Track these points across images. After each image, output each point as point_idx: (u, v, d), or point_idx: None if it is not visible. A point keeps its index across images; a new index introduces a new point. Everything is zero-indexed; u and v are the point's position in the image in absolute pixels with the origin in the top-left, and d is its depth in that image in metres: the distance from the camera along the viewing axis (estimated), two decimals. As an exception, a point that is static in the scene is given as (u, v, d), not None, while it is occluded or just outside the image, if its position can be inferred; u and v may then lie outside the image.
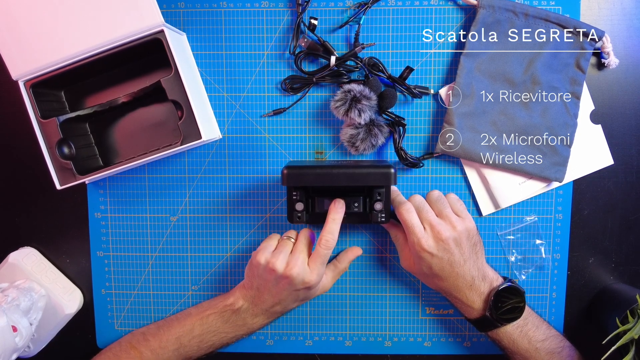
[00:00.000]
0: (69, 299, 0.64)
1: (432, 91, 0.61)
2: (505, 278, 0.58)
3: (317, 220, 0.58)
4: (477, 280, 0.56)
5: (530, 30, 0.58)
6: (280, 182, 0.52)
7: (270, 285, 0.56)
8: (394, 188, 0.60)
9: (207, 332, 0.58)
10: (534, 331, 0.56)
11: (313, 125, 0.63)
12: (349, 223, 0.59)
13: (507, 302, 0.55)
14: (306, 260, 0.55)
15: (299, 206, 0.56)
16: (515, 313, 0.55)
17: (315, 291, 0.59)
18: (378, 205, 0.56)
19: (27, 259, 0.63)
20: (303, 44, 0.60)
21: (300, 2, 0.59)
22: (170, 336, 0.59)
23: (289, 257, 0.55)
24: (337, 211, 0.55)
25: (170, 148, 0.55)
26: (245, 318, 0.58)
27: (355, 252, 0.63)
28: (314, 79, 0.61)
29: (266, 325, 0.61)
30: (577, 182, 0.63)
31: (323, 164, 0.56)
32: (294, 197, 0.56)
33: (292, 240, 0.58)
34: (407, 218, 0.55)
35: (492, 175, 0.61)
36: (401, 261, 0.60)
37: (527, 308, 0.57)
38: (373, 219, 0.57)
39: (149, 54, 0.57)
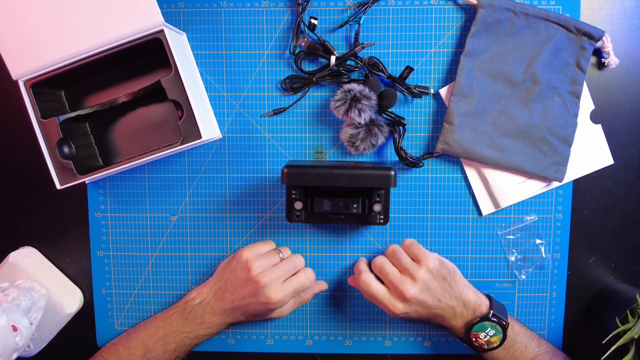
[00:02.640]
0: (69, 299, 0.64)
1: (432, 91, 0.61)
2: (489, 298, 0.58)
3: (315, 220, 0.58)
4: (459, 308, 0.56)
5: (530, 30, 0.58)
6: (280, 181, 0.52)
7: (238, 283, 0.57)
8: (359, 261, 0.61)
9: (170, 333, 0.58)
10: (522, 352, 0.57)
11: (313, 125, 0.63)
12: (348, 224, 0.59)
13: (485, 335, 0.55)
14: (282, 279, 0.57)
15: (298, 205, 0.56)
16: (495, 344, 0.56)
17: (270, 314, 0.60)
18: (377, 207, 0.56)
19: (28, 259, 0.64)
20: (303, 44, 0.60)
21: (300, 2, 0.59)
22: (138, 342, 0.59)
23: (270, 267, 0.57)
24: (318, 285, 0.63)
25: (170, 148, 0.55)
26: (203, 315, 0.58)
27: (321, 286, 0.64)
28: (314, 79, 0.61)
29: (220, 328, 0.60)
30: (577, 182, 0.63)
31: (323, 164, 0.56)
32: (293, 196, 0.56)
33: (282, 256, 0.60)
34: (367, 290, 0.56)
35: (492, 174, 0.61)
36: (393, 308, 0.57)
37: (516, 326, 0.57)
38: (371, 221, 0.57)
39: (149, 53, 0.57)
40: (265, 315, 0.59)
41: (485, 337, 0.55)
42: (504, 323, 0.55)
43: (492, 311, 0.55)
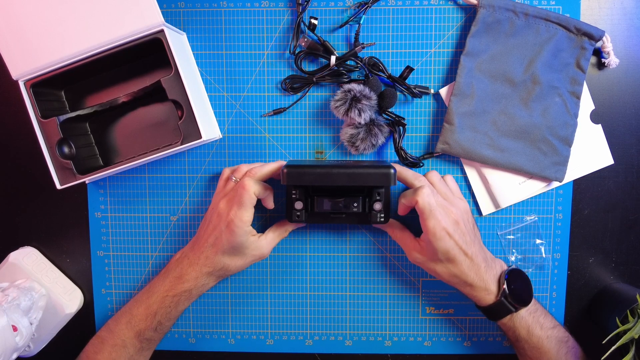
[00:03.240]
0: (69, 299, 0.64)
1: (432, 91, 0.61)
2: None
3: (315, 220, 0.58)
4: (488, 260, 0.55)
5: (530, 30, 0.58)
6: (280, 181, 0.52)
7: (206, 224, 0.57)
8: (403, 168, 0.58)
9: (152, 295, 0.57)
10: (544, 317, 0.56)
11: (313, 125, 0.63)
12: (349, 223, 0.59)
13: (517, 282, 0.54)
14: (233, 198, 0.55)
15: (298, 205, 0.56)
16: (525, 296, 0.55)
17: (243, 242, 0.55)
18: (377, 206, 0.56)
19: (28, 259, 0.64)
20: (303, 44, 0.60)
21: (300, 2, 0.59)
22: (124, 310, 0.59)
23: (226, 192, 0.57)
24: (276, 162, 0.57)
25: (170, 148, 0.55)
26: (181, 268, 0.57)
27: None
28: (314, 79, 0.61)
29: (199, 281, 0.57)
30: (577, 182, 0.63)
31: (323, 163, 0.56)
32: (294, 196, 0.56)
33: (236, 180, 0.57)
34: (429, 201, 0.53)
35: (492, 174, 0.61)
36: (410, 255, 0.57)
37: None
38: (372, 219, 0.57)
39: (149, 53, 0.58)
40: (241, 249, 0.56)
41: (518, 285, 0.55)
42: (525, 273, 0.56)
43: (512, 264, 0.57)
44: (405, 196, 0.56)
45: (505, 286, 0.54)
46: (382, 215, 0.57)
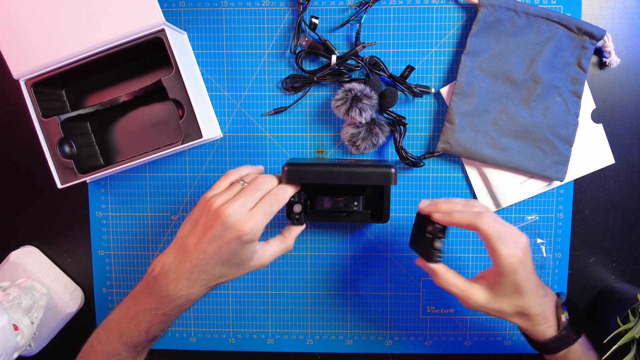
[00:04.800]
0: (70, 298, 0.64)
1: (433, 90, 0.61)
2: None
3: (316, 218, 0.58)
4: (545, 288, 0.50)
5: (531, 29, 0.58)
6: (282, 180, 0.52)
7: (200, 228, 0.48)
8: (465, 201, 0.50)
9: (140, 312, 0.50)
10: (587, 347, 0.51)
11: (314, 125, 0.63)
12: (349, 222, 0.59)
13: (573, 311, 0.49)
14: (249, 206, 0.47)
15: (297, 208, 0.54)
16: (581, 328, 0.50)
17: (248, 259, 0.50)
18: (438, 244, 0.48)
19: (29, 258, 0.64)
20: (304, 43, 0.60)
21: (301, 1, 0.59)
22: (113, 323, 0.52)
23: (232, 198, 0.48)
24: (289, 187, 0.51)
25: (171, 147, 0.55)
26: (167, 285, 0.48)
27: (299, 228, 0.55)
28: (315, 78, 0.61)
29: (195, 295, 0.50)
30: (578, 182, 0.63)
31: (324, 162, 0.56)
32: (292, 199, 0.55)
33: (245, 184, 0.50)
34: (499, 227, 0.46)
35: (493, 174, 0.61)
36: (470, 298, 0.48)
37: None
38: (429, 258, 0.49)
39: (150, 53, 0.58)
40: (243, 261, 0.49)
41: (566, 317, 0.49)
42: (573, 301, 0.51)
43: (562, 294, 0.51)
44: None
45: (565, 318, 0.49)
46: (440, 255, 0.49)
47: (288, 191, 0.50)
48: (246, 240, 0.47)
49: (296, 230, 0.55)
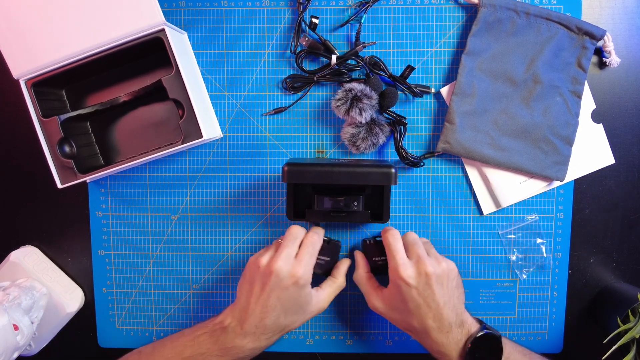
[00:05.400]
0: (70, 298, 0.64)
1: (433, 90, 0.61)
2: (480, 322, 0.54)
3: (316, 218, 0.58)
4: (455, 326, 0.51)
5: (531, 29, 0.58)
6: (281, 180, 0.52)
7: (257, 288, 0.52)
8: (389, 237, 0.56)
9: (197, 355, 0.53)
10: None
11: (314, 124, 0.63)
12: (349, 222, 0.59)
13: (483, 350, 0.50)
14: (292, 254, 0.52)
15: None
16: (492, 354, 0.51)
17: (308, 304, 0.54)
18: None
19: (29, 258, 0.64)
20: (304, 43, 0.60)
21: (301, 1, 0.59)
22: (162, 357, 0.55)
23: (275, 254, 0.52)
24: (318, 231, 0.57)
25: (171, 147, 0.55)
26: (234, 339, 0.52)
27: (345, 263, 0.61)
28: (315, 78, 0.61)
29: (261, 348, 0.54)
30: (578, 181, 0.63)
31: (324, 161, 0.56)
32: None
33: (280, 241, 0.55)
34: (392, 242, 0.53)
35: (493, 174, 0.61)
36: (369, 300, 0.56)
37: (507, 345, 0.52)
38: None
39: (150, 53, 0.57)
40: (303, 307, 0.53)
41: (483, 353, 0.51)
42: (498, 335, 0.51)
43: (484, 326, 0.52)
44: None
45: (468, 355, 0.50)
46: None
47: (319, 233, 0.56)
48: (302, 283, 0.51)
49: (342, 267, 0.60)
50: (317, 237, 0.55)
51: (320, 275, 0.59)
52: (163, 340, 0.57)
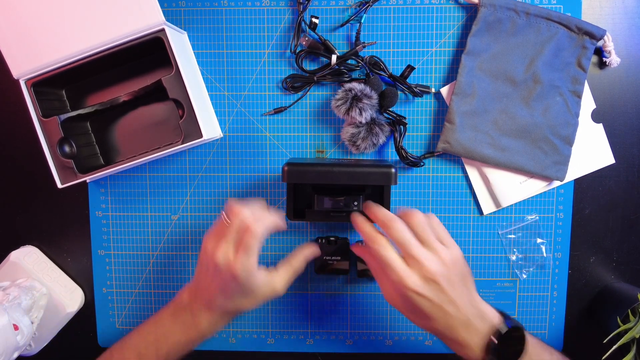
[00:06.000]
0: (70, 298, 0.64)
1: (433, 90, 0.61)
2: (500, 312, 0.50)
3: (316, 218, 0.58)
4: (474, 319, 0.47)
5: (531, 29, 0.58)
6: (281, 179, 0.52)
7: (205, 270, 0.51)
8: (358, 216, 0.53)
9: (161, 337, 0.53)
10: None
11: (314, 124, 0.63)
12: (349, 222, 0.58)
13: (509, 344, 0.47)
14: (231, 249, 0.49)
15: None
16: (517, 347, 0.48)
17: (252, 288, 0.51)
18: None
19: (29, 258, 0.64)
20: (304, 43, 0.60)
21: (301, 1, 0.59)
22: (131, 347, 0.54)
23: (219, 241, 0.50)
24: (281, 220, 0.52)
25: (171, 147, 0.55)
26: (191, 317, 0.52)
27: (311, 249, 0.57)
28: (315, 78, 0.61)
29: (217, 327, 0.53)
30: (578, 181, 0.63)
31: (324, 161, 0.56)
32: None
33: (227, 222, 0.51)
34: (383, 254, 0.47)
35: (493, 174, 0.61)
36: (384, 295, 0.50)
37: (529, 337, 0.49)
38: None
39: (150, 52, 0.58)
40: (251, 293, 0.51)
41: (511, 346, 0.47)
42: (521, 326, 0.48)
43: (506, 316, 0.49)
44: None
45: (495, 349, 0.47)
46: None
47: (261, 224, 0.50)
48: (241, 280, 0.49)
49: (301, 252, 0.57)
50: (258, 229, 0.49)
51: (332, 275, 0.59)
52: (130, 333, 0.56)
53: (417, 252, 0.46)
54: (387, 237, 0.49)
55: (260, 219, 0.50)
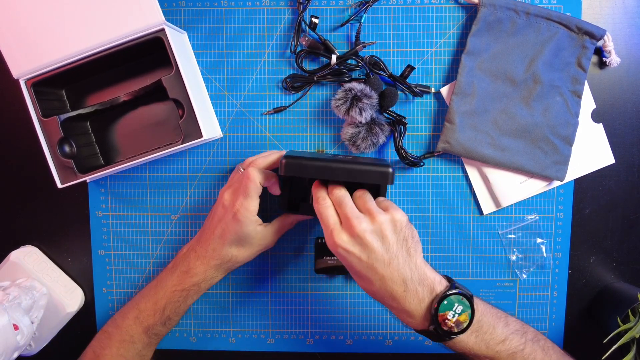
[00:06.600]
0: (70, 298, 0.64)
1: (433, 90, 0.61)
2: (447, 278, 0.49)
3: (311, 212, 0.58)
4: (412, 283, 0.46)
5: (531, 29, 0.58)
6: (278, 172, 0.52)
7: (212, 215, 0.57)
8: (317, 183, 0.54)
9: (159, 289, 0.57)
10: (491, 333, 0.48)
11: (314, 124, 0.63)
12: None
13: (453, 314, 0.46)
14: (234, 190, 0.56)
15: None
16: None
17: (249, 234, 0.54)
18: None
19: (29, 258, 0.64)
20: (304, 43, 0.60)
21: (301, 1, 0.59)
22: (132, 304, 0.58)
23: (230, 185, 0.57)
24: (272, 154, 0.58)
25: (171, 147, 0.55)
26: (189, 262, 0.56)
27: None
28: (315, 78, 0.61)
29: (208, 275, 0.56)
30: (578, 181, 0.63)
31: (322, 156, 0.56)
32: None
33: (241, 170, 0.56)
34: (322, 211, 0.50)
35: (493, 174, 0.61)
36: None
37: (480, 306, 0.49)
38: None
39: (150, 52, 0.57)
40: (247, 240, 0.55)
41: (453, 316, 0.46)
42: (469, 294, 0.47)
43: (453, 284, 0.47)
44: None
45: (434, 316, 0.46)
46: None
47: (252, 176, 0.53)
48: (239, 218, 0.53)
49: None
50: (251, 177, 0.53)
51: (332, 275, 0.61)
52: (132, 300, 0.60)
53: (349, 212, 0.48)
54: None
55: (258, 163, 0.56)
